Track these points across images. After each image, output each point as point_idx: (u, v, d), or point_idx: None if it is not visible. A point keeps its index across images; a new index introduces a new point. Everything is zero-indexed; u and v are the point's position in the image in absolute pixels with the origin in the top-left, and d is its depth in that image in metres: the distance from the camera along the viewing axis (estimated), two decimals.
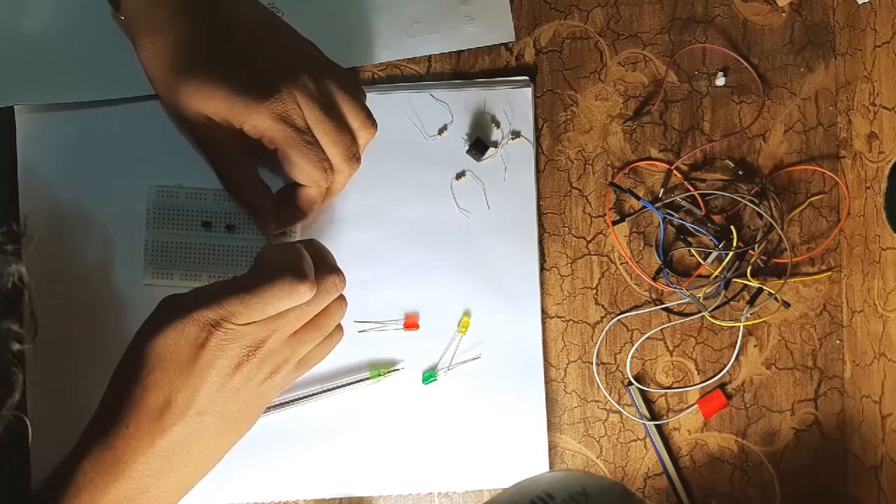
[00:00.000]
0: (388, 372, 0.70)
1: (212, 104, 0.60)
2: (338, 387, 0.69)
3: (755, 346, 0.72)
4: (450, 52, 0.71)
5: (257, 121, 0.60)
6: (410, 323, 0.70)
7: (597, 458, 0.72)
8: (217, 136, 0.62)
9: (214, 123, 0.61)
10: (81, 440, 0.56)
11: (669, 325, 0.72)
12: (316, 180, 0.63)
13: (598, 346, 0.72)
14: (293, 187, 0.65)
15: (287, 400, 0.69)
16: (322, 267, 0.60)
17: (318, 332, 0.62)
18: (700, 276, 0.71)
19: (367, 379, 0.69)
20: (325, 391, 0.69)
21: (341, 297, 0.63)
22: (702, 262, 0.71)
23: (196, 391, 0.56)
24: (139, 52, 0.62)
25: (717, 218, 0.72)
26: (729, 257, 0.70)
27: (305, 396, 0.69)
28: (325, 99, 0.62)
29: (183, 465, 0.57)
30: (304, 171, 0.62)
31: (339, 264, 0.65)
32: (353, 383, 0.69)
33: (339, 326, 0.64)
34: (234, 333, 0.56)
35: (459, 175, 0.71)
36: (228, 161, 0.64)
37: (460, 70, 0.72)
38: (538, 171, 0.71)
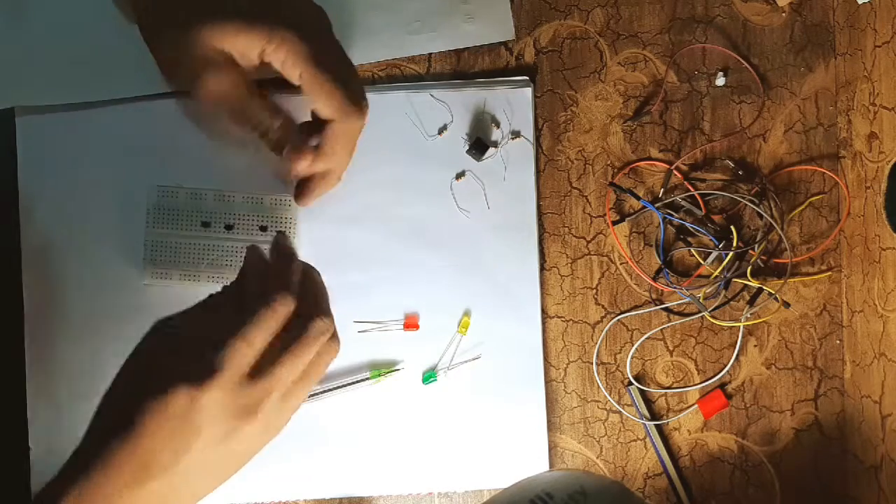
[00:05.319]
0: (389, 372, 0.70)
1: (231, 28, 0.59)
2: (338, 387, 0.69)
3: (755, 346, 0.72)
4: (450, 52, 0.71)
5: (283, 37, 0.59)
6: (410, 323, 0.70)
7: (597, 458, 0.72)
8: (229, 75, 0.61)
9: (226, 61, 0.60)
10: (68, 466, 0.54)
11: (669, 325, 0.72)
12: (346, 111, 0.62)
13: (598, 346, 0.72)
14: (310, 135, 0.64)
15: None
16: (314, 308, 0.59)
17: (311, 381, 0.59)
18: (700, 276, 0.71)
19: (368, 379, 0.69)
20: (325, 391, 0.69)
21: (333, 339, 0.60)
22: (702, 262, 0.71)
23: (179, 456, 0.54)
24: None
25: (717, 218, 0.72)
26: (729, 257, 0.70)
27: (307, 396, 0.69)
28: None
29: None
30: (332, 98, 0.61)
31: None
32: (353, 383, 0.69)
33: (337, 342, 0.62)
34: (224, 404, 0.54)
35: (459, 175, 0.71)
36: (240, 94, 0.62)
37: (460, 70, 0.72)
38: (538, 171, 0.71)
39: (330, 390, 0.69)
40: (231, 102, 0.62)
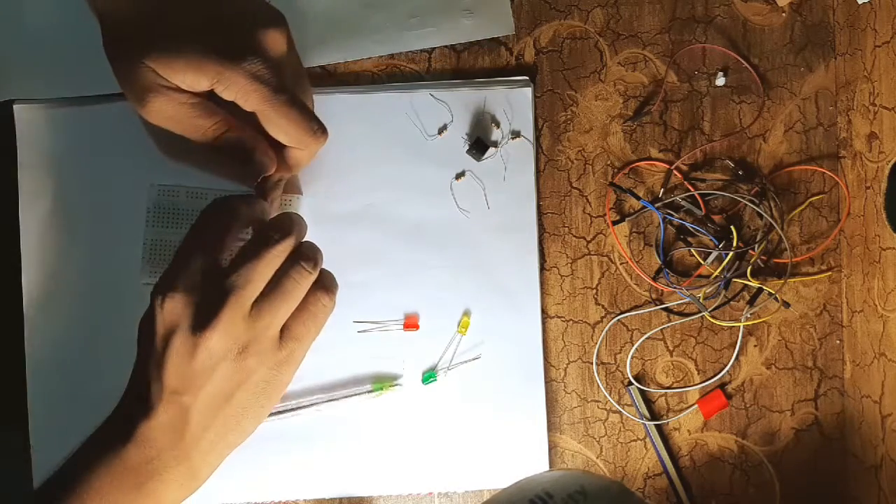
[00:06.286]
0: (391, 386, 0.70)
1: (179, 64, 0.58)
2: (340, 398, 0.69)
3: (755, 346, 0.72)
4: (450, 52, 0.71)
5: (231, 79, 0.58)
6: (410, 323, 0.70)
7: (597, 458, 0.72)
8: (174, 100, 0.60)
9: (173, 88, 0.59)
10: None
11: (669, 325, 0.72)
12: (304, 142, 0.62)
13: (598, 346, 0.72)
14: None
15: (289, 408, 0.69)
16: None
17: (314, 319, 0.62)
18: (700, 276, 0.71)
19: (370, 392, 0.69)
20: (328, 401, 0.69)
21: (325, 290, 0.63)
22: (702, 262, 0.71)
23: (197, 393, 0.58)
24: (100, 12, 0.60)
25: (717, 218, 0.72)
26: (729, 257, 0.70)
27: (308, 405, 0.69)
28: (297, 55, 0.62)
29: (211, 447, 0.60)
30: (287, 132, 0.61)
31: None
32: (355, 395, 0.69)
33: (327, 292, 0.64)
34: (228, 342, 0.58)
35: (459, 175, 0.71)
36: (187, 116, 0.61)
37: (460, 69, 0.72)
38: (538, 171, 0.71)
39: (333, 400, 0.69)
40: (178, 123, 0.61)
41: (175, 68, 0.58)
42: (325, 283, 0.63)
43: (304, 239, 0.64)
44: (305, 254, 0.62)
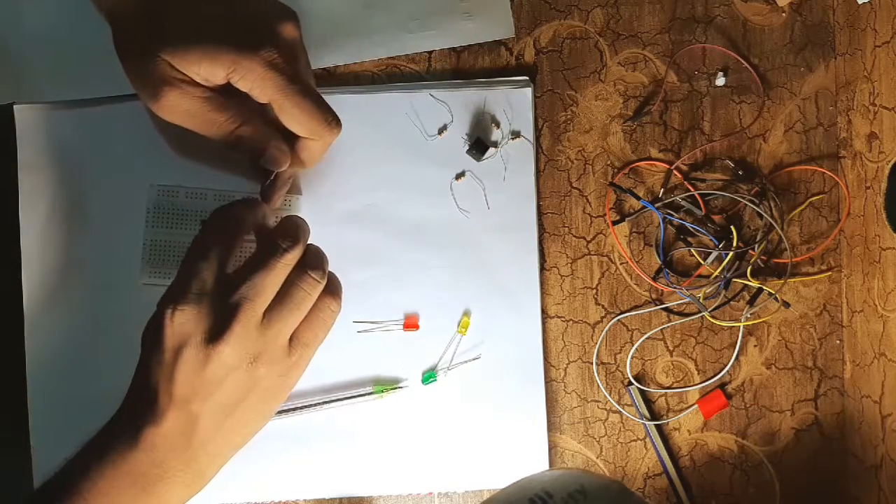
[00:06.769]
0: (393, 389, 0.70)
1: (195, 55, 0.58)
2: (342, 398, 0.69)
3: (755, 346, 0.72)
4: (450, 52, 0.71)
5: (248, 67, 0.58)
6: (410, 323, 0.70)
7: (597, 458, 0.72)
8: (188, 94, 0.60)
9: (187, 81, 0.59)
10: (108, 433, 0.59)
11: (669, 325, 0.72)
12: (318, 132, 0.62)
13: (598, 346, 0.72)
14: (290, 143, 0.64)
15: (289, 408, 0.69)
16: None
17: (317, 332, 0.62)
18: (700, 276, 0.71)
19: (371, 394, 0.69)
20: (327, 402, 0.69)
21: (332, 295, 0.63)
22: (702, 262, 0.71)
23: (204, 405, 0.58)
24: (109, 12, 0.60)
25: (717, 218, 0.72)
26: (729, 257, 0.70)
27: (307, 406, 0.69)
28: (306, 54, 0.62)
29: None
30: (301, 122, 0.61)
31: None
32: (356, 396, 0.69)
33: (334, 298, 0.64)
34: (240, 353, 0.58)
35: (459, 175, 0.71)
36: (201, 110, 0.61)
37: (460, 70, 0.72)
38: (538, 171, 0.71)
39: (335, 401, 0.69)
40: (192, 118, 0.61)
41: (190, 59, 0.58)
42: (331, 288, 0.63)
43: (308, 242, 0.64)
44: (313, 262, 0.62)
